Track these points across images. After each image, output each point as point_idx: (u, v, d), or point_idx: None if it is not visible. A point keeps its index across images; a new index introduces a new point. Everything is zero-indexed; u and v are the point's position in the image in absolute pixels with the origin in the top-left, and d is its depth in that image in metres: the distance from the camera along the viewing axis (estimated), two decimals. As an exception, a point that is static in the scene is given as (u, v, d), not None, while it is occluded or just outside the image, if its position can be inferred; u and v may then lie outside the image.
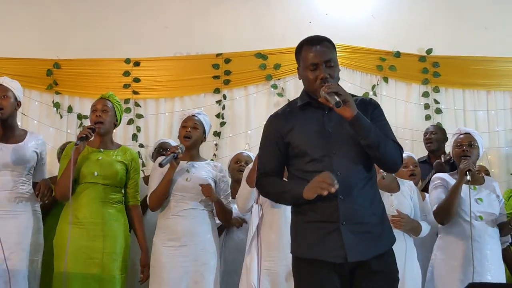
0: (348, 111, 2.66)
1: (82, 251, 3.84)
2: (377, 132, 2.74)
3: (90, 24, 6.34)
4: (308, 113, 2.89)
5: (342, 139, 2.79)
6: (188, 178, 4.03)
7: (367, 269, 2.74)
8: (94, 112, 4.09)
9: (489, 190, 4.08)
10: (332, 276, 2.75)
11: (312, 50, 2.87)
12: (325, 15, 6.33)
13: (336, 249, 2.71)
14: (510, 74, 6.22)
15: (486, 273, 3.86)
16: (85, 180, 3.97)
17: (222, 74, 6.20)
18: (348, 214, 2.72)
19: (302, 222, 2.84)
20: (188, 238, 3.94)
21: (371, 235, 2.76)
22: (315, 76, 2.81)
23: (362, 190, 2.78)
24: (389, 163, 2.85)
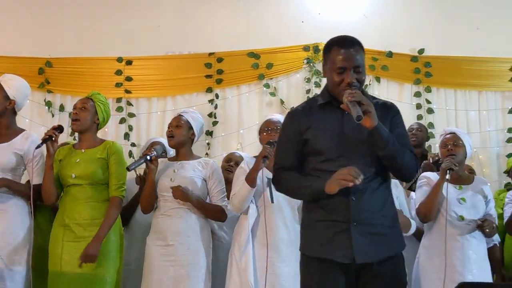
0: (368, 122, 2.66)
1: (71, 252, 3.82)
2: (395, 144, 2.73)
3: (82, 23, 6.32)
4: (327, 112, 2.87)
5: (359, 142, 2.77)
6: (172, 178, 4.01)
7: (374, 271, 2.75)
8: (73, 111, 4.07)
9: (476, 191, 4.09)
10: (338, 275, 2.76)
11: (341, 53, 2.82)
12: (318, 15, 6.34)
13: (344, 249, 2.73)
14: (502, 74, 6.24)
15: (467, 274, 3.87)
16: (66, 183, 3.95)
17: (214, 73, 6.19)
18: (359, 215, 2.73)
19: (312, 220, 2.85)
20: (174, 237, 3.92)
21: (380, 237, 2.76)
22: (341, 79, 2.79)
23: (375, 192, 2.78)
24: (404, 174, 2.87)
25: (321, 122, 2.85)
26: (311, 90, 6.10)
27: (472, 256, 3.92)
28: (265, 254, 3.76)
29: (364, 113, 2.63)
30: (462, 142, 4.08)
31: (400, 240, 2.87)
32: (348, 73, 2.78)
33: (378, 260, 2.74)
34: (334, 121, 2.83)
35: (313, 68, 6.12)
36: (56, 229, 3.91)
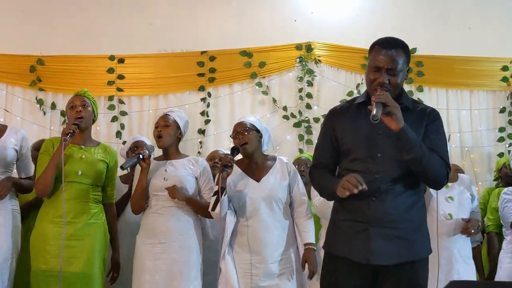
0: (393, 124, 2.67)
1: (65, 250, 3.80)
2: (422, 148, 2.72)
3: (74, 21, 6.30)
4: (363, 112, 2.87)
5: (390, 144, 2.78)
6: (165, 177, 4.00)
7: (391, 273, 2.76)
8: (73, 108, 4.04)
9: (462, 189, 4.11)
10: (353, 275, 2.79)
11: (381, 53, 2.88)
12: (310, 14, 6.34)
13: (361, 249, 2.76)
14: (493, 74, 6.26)
15: (453, 272, 3.89)
16: (68, 179, 3.92)
17: (206, 72, 6.19)
18: (378, 217, 2.75)
19: (337, 219, 2.92)
20: (166, 235, 3.92)
21: (401, 241, 2.76)
22: (374, 78, 2.83)
23: (399, 196, 2.78)
24: (431, 180, 2.86)
25: (354, 122, 2.89)
26: (303, 89, 6.11)
27: (457, 255, 3.94)
28: (244, 256, 3.78)
29: (388, 114, 2.65)
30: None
31: (424, 247, 2.86)
32: (382, 73, 2.82)
33: (393, 263, 2.74)
34: (368, 121, 2.81)
35: (306, 67, 6.12)
36: (44, 226, 3.88)
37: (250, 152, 3.93)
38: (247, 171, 3.95)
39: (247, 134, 3.92)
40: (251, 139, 3.92)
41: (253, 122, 4.01)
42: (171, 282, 3.87)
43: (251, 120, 4.02)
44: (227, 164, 3.72)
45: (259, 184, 3.86)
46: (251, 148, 3.93)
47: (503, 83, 6.25)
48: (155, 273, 3.87)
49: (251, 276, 3.74)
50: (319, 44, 6.16)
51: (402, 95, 2.93)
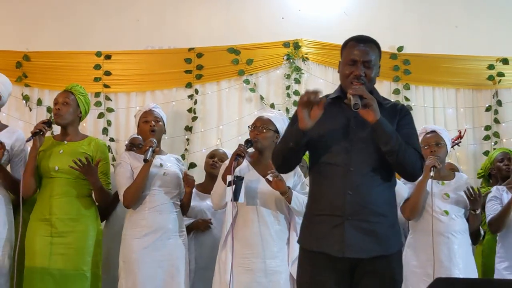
0: (371, 115, 2.71)
1: (48, 247, 3.80)
2: (398, 140, 2.76)
3: (61, 16, 6.27)
4: (337, 106, 2.92)
5: (364, 138, 2.82)
6: (165, 172, 4.02)
7: (367, 267, 2.78)
8: (55, 105, 4.04)
9: (458, 186, 4.13)
10: (332, 270, 2.80)
11: (356, 47, 2.94)
12: (298, 11, 6.34)
13: (337, 243, 2.77)
14: (479, 72, 6.30)
15: (454, 268, 3.91)
16: (47, 175, 3.92)
17: (194, 69, 6.17)
18: (354, 210, 2.77)
19: (310, 214, 2.92)
20: (164, 232, 3.94)
21: (376, 234, 2.79)
22: (350, 72, 2.88)
23: (375, 189, 2.81)
24: (407, 171, 2.89)
25: (328, 116, 2.88)
26: (291, 87, 6.11)
27: (458, 250, 3.96)
28: (241, 251, 3.77)
29: (366, 106, 2.68)
30: (443, 142, 4.12)
31: (397, 241, 2.89)
32: (358, 66, 2.87)
33: (368, 256, 2.76)
34: (342, 115, 2.89)
35: (293, 64, 6.13)
36: (34, 224, 3.88)
37: (260, 148, 3.94)
38: (256, 165, 3.96)
39: (264, 132, 3.92)
40: (266, 137, 3.92)
41: (275, 122, 3.98)
42: (168, 279, 3.88)
43: (274, 119, 4.00)
44: (240, 154, 3.73)
45: (263, 178, 3.86)
46: (262, 145, 3.93)
47: (489, 82, 6.29)
48: (155, 270, 3.87)
49: (248, 270, 3.75)
50: (306, 41, 6.16)
51: (374, 91, 2.98)
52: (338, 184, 2.79)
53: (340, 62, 3.01)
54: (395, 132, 2.78)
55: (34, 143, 3.85)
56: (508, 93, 6.32)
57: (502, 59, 6.27)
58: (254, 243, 3.79)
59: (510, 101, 6.30)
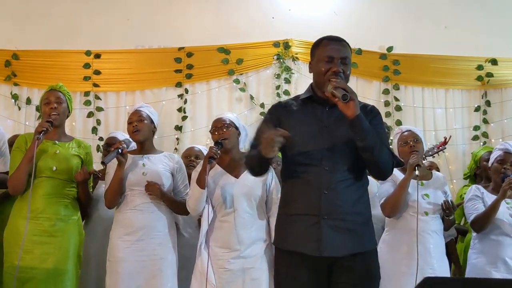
0: (351, 110, 2.68)
1: (35, 246, 3.78)
2: (374, 137, 2.76)
3: (51, 15, 6.24)
4: (309, 107, 2.92)
5: (337, 136, 2.81)
6: (144, 172, 3.99)
7: (345, 265, 2.77)
8: (48, 104, 4.02)
9: (436, 186, 4.15)
10: (307, 269, 2.79)
11: (331, 44, 2.93)
12: (288, 11, 6.36)
13: (313, 242, 2.75)
14: (468, 73, 6.34)
15: (428, 267, 3.93)
16: (41, 174, 3.90)
17: (184, 68, 6.17)
18: (329, 209, 2.76)
19: (285, 214, 2.90)
20: (145, 232, 3.90)
21: (351, 233, 2.78)
22: (328, 68, 2.84)
23: (348, 188, 2.81)
24: (381, 170, 2.88)
25: (301, 115, 2.89)
26: (280, 86, 6.12)
27: (432, 250, 3.98)
28: (218, 253, 3.76)
29: (348, 100, 2.66)
30: (420, 138, 4.14)
31: (371, 239, 2.90)
32: (336, 62, 2.85)
33: (344, 255, 2.76)
34: (314, 115, 2.87)
35: (283, 64, 6.14)
36: (18, 222, 3.84)
37: (229, 148, 3.93)
38: (226, 167, 3.95)
39: (226, 130, 3.92)
40: (230, 135, 3.92)
41: (232, 119, 4.01)
42: (151, 279, 3.86)
43: (230, 117, 4.03)
44: (212, 156, 3.72)
45: (238, 181, 3.84)
46: (230, 143, 3.92)
47: (478, 82, 6.33)
48: (135, 270, 3.85)
49: (226, 272, 3.74)
50: (296, 41, 6.18)
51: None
52: (313, 183, 2.78)
53: (312, 62, 2.99)
54: (372, 128, 2.78)
55: (39, 142, 3.82)
56: (497, 94, 6.37)
57: (491, 59, 6.31)
58: (231, 244, 3.77)
59: (499, 101, 6.34)
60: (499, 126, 6.28)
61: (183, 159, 4.74)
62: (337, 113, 2.77)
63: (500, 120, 6.29)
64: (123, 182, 3.97)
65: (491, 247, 4.12)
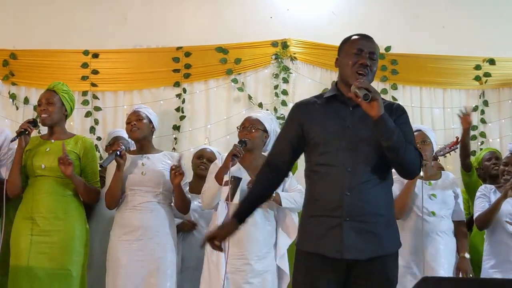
0: (375, 110, 2.65)
1: (33, 246, 3.78)
2: (399, 136, 2.73)
3: (49, 15, 6.23)
4: (332, 106, 2.88)
5: (360, 137, 2.79)
6: (143, 171, 3.99)
7: (363, 269, 2.75)
8: (39, 106, 4.03)
9: (445, 186, 4.15)
10: (327, 272, 2.76)
11: (362, 39, 2.94)
12: (286, 11, 6.35)
13: (335, 244, 2.73)
14: (466, 73, 6.34)
15: (439, 268, 3.93)
16: (34, 174, 3.91)
17: (182, 68, 6.16)
18: (352, 211, 2.73)
19: (307, 216, 2.87)
20: (144, 232, 3.91)
21: (373, 235, 2.76)
22: (356, 61, 2.83)
23: (371, 189, 2.78)
24: (407, 169, 2.85)
25: (324, 115, 2.87)
26: (279, 86, 6.12)
27: (443, 251, 3.98)
28: (235, 251, 3.75)
29: (371, 100, 2.64)
30: (429, 139, 4.14)
31: (394, 241, 2.87)
32: (364, 55, 2.84)
33: (366, 257, 2.73)
34: (337, 114, 2.84)
35: (281, 64, 6.13)
36: (19, 222, 3.86)
37: (249, 148, 3.92)
38: (247, 166, 3.95)
39: (253, 131, 3.92)
40: (255, 137, 3.92)
41: (264, 122, 3.99)
42: (149, 279, 3.87)
43: (263, 119, 4.00)
44: (236, 155, 3.72)
45: None
46: (253, 145, 3.92)
47: (476, 82, 6.33)
48: (133, 269, 3.85)
49: (236, 271, 3.74)
50: (295, 41, 6.17)
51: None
52: (336, 184, 2.75)
53: (339, 57, 2.95)
54: (397, 128, 2.74)
55: (19, 142, 3.84)
56: (495, 94, 6.37)
57: (489, 59, 6.31)
58: (244, 244, 3.77)
59: (497, 101, 6.35)
60: (497, 126, 6.28)
61: (195, 159, 4.78)
62: (361, 113, 2.75)
63: (497, 120, 6.29)
64: (123, 183, 3.97)
65: (498, 249, 4.13)
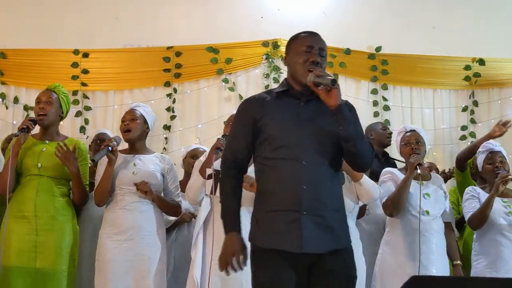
0: (334, 98, 2.66)
1: (28, 245, 3.78)
2: (357, 126, 2.75)
3: (39, 14, 6.21)
4: (284, 101, 2.86)
5: (315, 130, 2.78)
6: (134, 171, 3.98)
7: (323, 266, 2.74)
8: (38, 104, 4.02)
9: (436, 186, 4.17)
10: (287, 268, 2.73)
11: (311, 36, 2.94)
12: (277, 11, 6.36)
13: (294, 239, 2.70)
14: (456, 73, 6.37)
15: (431, 267, 3.94)
16: (29, 173, 3.90)
17: (173, 67, 6.16)
18: (310, 205, 2.72)
19: (263, 210, 2.81)
20: (134, 231, 3.90)
21: (330, 229, 2.75)
22: (307, 58, 2.82)
23: (327, 184, 2.78)
24: (362, 161, 2.85)
25: (277, 110, 2.84)
26: (269, 86, 6.11)
27: (435, 250, 3.99)
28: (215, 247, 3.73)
29: (332, 88, 2.65)
30: (423, 140, 4.16)
31: (348, 236, 2.87)
32: (314, 52, 2.84)
33: (326, 251, 2.73)
34: (290, 108, 2.83)
35: (272, 64, 6.14)
36: (11, 221, 3.84)
37: None
38: None
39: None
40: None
41: None
42: (139, 279, 3.85)
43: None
44: (219, 148, 3.71)
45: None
46: None
47: (466, 82, 6.36)
48: (124, 269, 3.84)
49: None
50: (285, 41, 6.08)
51: None
52: (292, 179, 2.72)
53: (288, 56, 2.96)
54: (353, 118, 2.77)
55: (19, 139, 3.82)
56: (484, 94, 6.41)
57: (479, 59, 6.35)
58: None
59: (486, 101, 6.38)
60: (487, 126, 6.30)
61: (189, 159, 4.76)
62: (313, 107, 2.78)
63: (487, 120, 6.32)
64: (113, 180, 3.96)
65: (490, 248, 4.13)
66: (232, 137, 2.95)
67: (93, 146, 4.84)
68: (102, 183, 3.94)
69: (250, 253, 2.85)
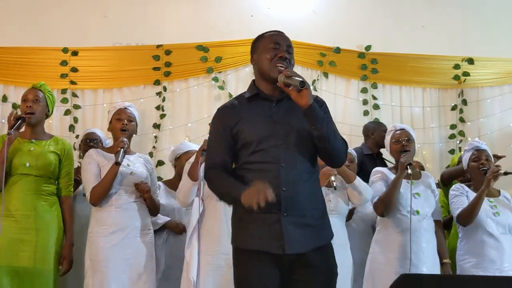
0: (305, 98, 2.66)
1: (14, 244, 3.76)
2: (329, 125, 2.75)
3: (27, 12, 6.18)
4: (255, 104, 2.89)
5: (288, 131, 2.80)
6: (132, 172, 3.99)
7: (305, 262, 2.76)
8: (25, 102, 4.00)
9: (426, 185, 4.18)
10: (271, 268, 2.75)
11: (277, 34, 2.97)
12: (267, 9, 6.37)
13: (276, 240, 2.72)
14: (445, 72, 6.41)
15: (422, 266, 3.95)
16: (17, 172, 3.88)
17: (162, 66, 6.14)
18: (290, 206, 2.74)
19: (243, 213, 2.79)
20: (131, 230, 3.91)
21: (311, 228, 2.78)
22: (274, 54, 2.85)
23: (306, 183, 2.80)
24: (336, 157, 2.87)
25: (250, 114, 2.86)
26: (259, 85, 6.11)
27: (425, 249, 4.00)
28: (208, 248, 3.74)
29: (302, 89, 2.65)
30: (413, 138, 4.17)
31: (329, 231, 2.89)
32: (282, 49, 2.86)
33: (307, 250, 2.75)
34: (262, 111, 2.85)
35: (262, 62, 6.13)
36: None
37: None
38: None
39: None
40: None
41: None
42: (136, 277, 3.86)
43: None
44: (206, 150, 3.71)
45: None
46: None
47: (455, 81, 6.39)
48: (122, 268, 3.84)
49: (217, 267, 3.73)
50: (275, 40, 6.17)
51: None
52: (271, 181, 2.71)
53: (255, 55, 2.99)
54: (326, 117, 2.78)
55: (10, 137, 3.79)
56: (473, 93, 6.44)
57: (468, 59, 6.38)
58: (222, 239, 3.76)
59: (475, 100, 6.41)
60: (475, 124, 6.35)
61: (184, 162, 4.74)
62: (285, 107, 2.80)
63: (476, 119, 6.36)
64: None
65: (476, 247, 4.13)
66: (211, 147, 2.95)
67: (82, 145, 4.82)
68: (106, 184, 3.90)
69: (233, 254, 2.88)
